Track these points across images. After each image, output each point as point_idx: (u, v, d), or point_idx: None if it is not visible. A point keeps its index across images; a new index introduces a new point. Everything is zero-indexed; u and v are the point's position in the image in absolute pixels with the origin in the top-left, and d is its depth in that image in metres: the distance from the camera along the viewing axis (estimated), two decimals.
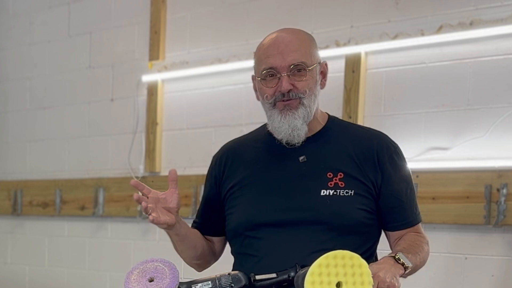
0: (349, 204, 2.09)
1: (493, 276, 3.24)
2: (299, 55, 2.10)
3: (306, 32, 2.20)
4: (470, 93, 3.30)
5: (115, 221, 4.69)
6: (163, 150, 4.48)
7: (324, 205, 2.09)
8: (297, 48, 2.10)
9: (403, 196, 2.16)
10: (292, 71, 2.10)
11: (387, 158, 2.15)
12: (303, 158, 2.15)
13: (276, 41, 2.12)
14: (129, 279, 2.05)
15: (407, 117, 3.48)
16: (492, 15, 3.24)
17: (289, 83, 2.10)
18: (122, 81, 4.69)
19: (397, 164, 2.17)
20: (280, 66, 2.10)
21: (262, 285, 2.08)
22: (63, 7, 5.01)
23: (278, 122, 2.13)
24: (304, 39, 2.15)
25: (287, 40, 2.11)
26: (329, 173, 2.12)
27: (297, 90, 2.10)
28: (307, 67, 2.11)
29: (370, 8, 3.60)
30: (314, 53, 2.15)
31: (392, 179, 2.14)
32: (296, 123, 2.12)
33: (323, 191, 2.10)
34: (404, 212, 2.17)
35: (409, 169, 2.22)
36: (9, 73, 5.35)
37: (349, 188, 2.10)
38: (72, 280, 4.93)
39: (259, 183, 2.19)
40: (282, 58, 2.10)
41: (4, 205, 5.28)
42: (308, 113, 2.13)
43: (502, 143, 3.21)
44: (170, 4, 4.45)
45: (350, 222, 2.10)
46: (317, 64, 2.16)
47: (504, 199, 3.15)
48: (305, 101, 2.11)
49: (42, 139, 5.14)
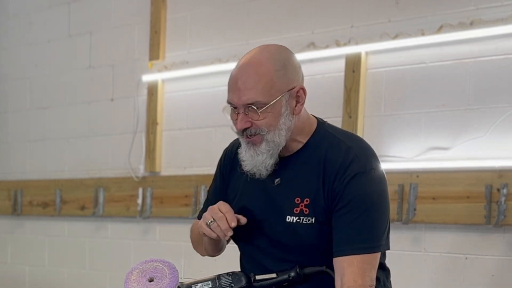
0: (309, 232, 2.07)
1: (493, 276, 3.23)
2: (254, 94, 2.01)
3: (278, 54, 2.07)
4: (470, 93, 3.30)
5: (115, 221, 4.69)
6: (163, 150, 4.47)
7: (287, 232, 2.09)
8: (253, 85, 2.01)
9: (347, 223, 2.03)
10: (247, 109, 2.03)
11: (348, 179, 2.04)
12: (278, 180, 2.13)
13: (237, 75, 2.05)
14: (129, 279, 2.05)
15: (407, 117, 3.48)
16: (492, 15, 3.24)
17: (246, 121, 2.04)
18: (122, 81, 4.69)
19: (356, 187, 2.03)
20: (237, 103, 2.05)
21: (262, 285, 2.09)
22: (63, 7, 5.01)
23: (244, 154, 2.10)
24: (265, 73, 2.02)
25: (245, 76, 2.03)
26: (297, 198, 2.09)
27: (257, 127, 2.05)
28: (263, 106, 2.02)
29: (370, 8, 3.60)
30: (277, 85, 2.03)
31: (342, 201, 2.04)
32: (258, 159, 2.07)
33: (288, 218, 2.09)
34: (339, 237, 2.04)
35: (379, 195, 2.06)
36: (9, 73, 5.35)
37: (311, 216, 2.07)
38: (72, 280, 4.93)
39: (243, 198, 2.20)
40: (238, 96, 2.03)
41: (4, 205, 5.28)
42: (274, 147, 2.06)
43: (502, 143, 3.21)
44: (170, 4, 4.45)
45: (312, 248, 2.09)
46: (285, 94, 2.04)
47: (505, 199, 3.15)
48: (267, 137, 2.05)
49: (42, 139, 5.14)
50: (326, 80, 3.73)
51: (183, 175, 4.33)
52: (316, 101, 3.67)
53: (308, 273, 2.09)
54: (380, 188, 2.07)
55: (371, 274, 2.02)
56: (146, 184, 4.49)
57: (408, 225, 3.41)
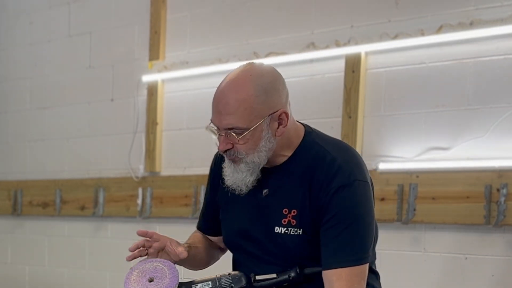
0: (296, 243, 2.08)
1: (493, 276, 3.23)
2: (234, 119, 2.01)
3: (260, 79, 2.03)
4: (470, 93, 3.30)
5: (115, 221, 4.69)
6: (163, 150, 4.48)
7: (276, 243, 2.10)
8: (233, 111, 2.01)
9: (333, 236, 2.02)
10: (228, 132, 2.04)
11: (333, 192, 2.03)
12: (266, 191, 2.13)
13: (218, 98, 2.06)
14: (128, 279, 2.05)
15: (407, 117, 3.48)
16: (492, 15, 3.24)
17: (226, 143, 2.05)
18: (122, 81, 4.69)
19: (340, 200, 2.03)
20: (218, 126, 2.07)
21: (262, 285, 2.08)
22: (63, 7, 5.01)
23: (226, 170, 2.11)
24: (245, 99, 2.01)
25: (225, 101, 2.02)
26: (285, 209, 2.09)
27: (237, 150, 2.05)
28: (243, 132, 2.02)
29: (370, 8, 3.60)
30: (257, 112, 2.01)
31: (328, 214, 2.04)
32: (237, 177, 2.08)
33: (277, 229, 2.10)
34: (326, 251, 2.04)
35: (364, 207, 2.05)
36: (9, 73, 5.35)
37: (299, 227, 2.07)
38: (72, 280, 4.93)
39: (232, 207, 2.21)
40: (219, 119, 2.04)
41: (4, 205, 5.28)
42: (254, 167, 2.07)
43: (502, 143, 3.21)
44: (170, 4, 4.45)
45: (300, 259, 2.10)
46: (266, 118, 2.02)
47: (504, 199, 3.15)
48: (246, 159, 2.06)
49: (42, 139, 5.14)
50: (326, 80, 3.72)
51: (183, 175, 4.33)
52: (316, 101, 3.68)
53: (308, 273, 2.08)
54: (364, 199, 2.06)
55: (360, 285, 2.02)
56: (146, 184, 4.49)
57: (408, 225, 3.41)
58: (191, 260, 2.22)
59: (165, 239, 2.14)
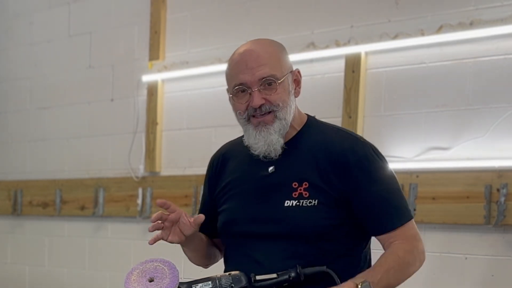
0: (311, 214, 2.07)
1: (493, 276, 3.24)
2: (268, 68, 2.07)
3: (275, 41, 2.17)
4: (470, 93, 3.30)
5: (115, 221, 4.70)
6: (163, 150, 4.48)
7: (287, 217, 2.09)
8: (266, 61, 2.08)
9: (378, 200, 2.09)
10: (262, 85, 2.08)
11: (355, 163, 2.09)
12: (272, 168, 2.15)
13: (245, 57, 2.10)
14: (129, 279, 2.05)
15: (407, 117, 3.48)
16: (492, 15, 3.24)
17: (261, 98, 2.08)
18: (122, 81, 4.69)
19: (368, 168, 2.10)
20: (250, 81, 2.08)
21: (262, 285, 2.08)
22: (63, 7, 5.02)
23: (254, 138, 2.12)
24: (273, 51, 2.12)
25: (255, 55, 2.09)
26: (295, 183, 2.10)
27: (270, 103, 2.08)
28: (277, 80, 2.08)
29: (370, 8, 3.60)
30: (284, 63, 2.12)
31: (362, 184, 2.09)
32: (271, 138, 2.10)
33: (287, 202, 2.10)
34: (381, 216, 2.10)
35: (388, 169, 2.14)
36: (9, 73, 5.36)
37: (313, 198, 2.08)
38: (72, 280, 4.93)
39: (236, 192, 2.21)
40: (251, 73, 2.08)
41: (4, 205, 5.28)
42: (284, 125, 2.11)
43: (502, 143, 3.21)
44: (170, 4, 4.45)
45: (313, 232, 2.08)
46: (289, 74, 2.13)
47: (504, 199, 3.15)
48: (279, 114, 2.09)
49: (42, 139, 5.14)
50: (326, 80, 3.73)
51: (183, 175, 4.34)
52: (316, 101, 3.68)
53: (309, 273, 2.08)
54: (385, 162, 2.16)
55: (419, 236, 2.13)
56: (146, 184, 4.49)
57: None
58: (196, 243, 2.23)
59: (180, 211, 2.16)
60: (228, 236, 2.24)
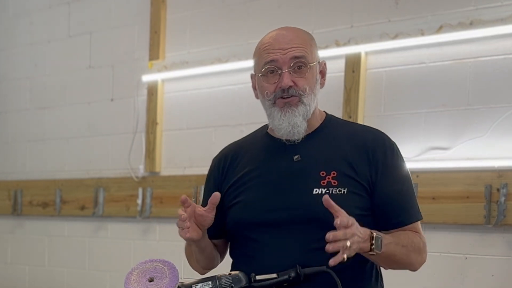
0: (341, 202, 2.04)
1: (493, 276, 3.24)
2: (300, 50, 2.11)
3: (307, 31, 2.21)
4: (470, 93, 3.31)
5: (115, 221, 4.70)
6: (163, 150, 4.48)
7: (316, 204, 2.06)
8: (298, 44, 2.11)
9: (397, 195, 2.13)
10: (293, 67, 2.10)
11: (382, 156, 2.13)
12: (297, 157, 2.15)
13: (277, 38, 2.14)
14: (129, 279, 2.05)
15: (407, 117, 3.48)
16: (492, 15, 3.24)
17: (290, 79, 2.11)
18: (122, 81, 4.69)
19: (392, 163, 2.14)
20: (282, 60, 2.11)
21: (263, 285, 2.08)
22: (63, 7, 5.02)
23: (279, 119, 2.13)
24: (305, 37, 2.15)
25: (288, 37, 2.13)
26: (322, 171, 2.11)
27: (297, 87, 2.11)
28: (308, 64, 2.12)
29: (370, 8, 3.61)
30: (314, 51, 2.16)
31: (386, 177, 2.12)
32: (296, 120, 2.12)
33: (316, 190, 2.10)
34: (398, 211, 2.14)
35: (407, 168, 2.19)
36: (9, 73, 5.36)
37: (342, 186, 2.10)
38: (72, 280, 4.94)
39: (254, 183, 2.19)
40: (283, 52, 2.11)
41: (4, 205, 5.28)
42: (308, 111, 2.13)
43: (502, 143, 3.21)
44: (170, 4, 4.45)
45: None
46: (317, 63, 2.16)
47: (504, 199, 3.15)
48: (304, 99, 2.12)
49: (42, 139, 5.14)
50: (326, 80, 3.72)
51: (182, 175, 4.34)
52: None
53: (309, 273, 2.08)
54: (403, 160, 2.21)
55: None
56: (146, 184, 4.49)
57: None
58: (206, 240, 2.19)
59: (194, 204, 2.13)
60: (246, 227, 2.18)
